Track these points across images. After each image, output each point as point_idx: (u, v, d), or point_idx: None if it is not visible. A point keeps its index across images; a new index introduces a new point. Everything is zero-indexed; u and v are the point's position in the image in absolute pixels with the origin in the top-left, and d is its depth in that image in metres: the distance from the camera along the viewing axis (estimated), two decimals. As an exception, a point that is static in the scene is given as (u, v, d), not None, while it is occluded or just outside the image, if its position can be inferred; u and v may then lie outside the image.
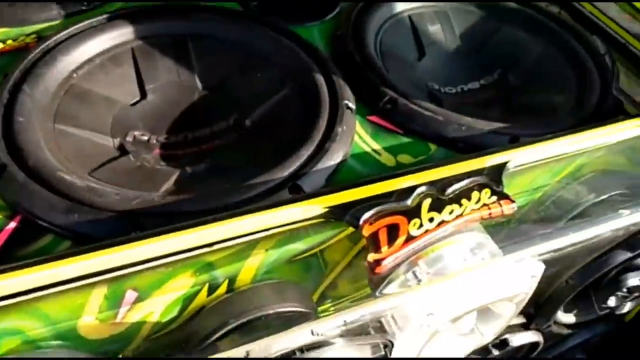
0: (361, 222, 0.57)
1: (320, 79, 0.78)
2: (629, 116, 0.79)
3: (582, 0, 1.02)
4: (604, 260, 0.80)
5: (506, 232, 0.66)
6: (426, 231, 0.58)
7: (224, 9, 0.89)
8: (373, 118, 0.77)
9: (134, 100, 0.80)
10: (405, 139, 0.75)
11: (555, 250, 0.66)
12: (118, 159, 0.70)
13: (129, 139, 0.74)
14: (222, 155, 0.76)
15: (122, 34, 0.82)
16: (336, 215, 0.57)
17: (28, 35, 0.82)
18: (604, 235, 0.71)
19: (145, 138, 0.76)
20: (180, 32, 0.85)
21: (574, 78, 0.90)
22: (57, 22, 0.85)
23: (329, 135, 0.70)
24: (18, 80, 0.71)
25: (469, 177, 0.62)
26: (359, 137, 0.74)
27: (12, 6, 0.83)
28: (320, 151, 0.68)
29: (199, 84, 0.84)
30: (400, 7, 0.97)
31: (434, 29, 0.99)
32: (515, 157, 0.66)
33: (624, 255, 0.80)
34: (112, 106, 0.78)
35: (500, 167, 0.64)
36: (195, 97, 0.83)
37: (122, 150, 0.72)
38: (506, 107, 0.92)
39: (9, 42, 0.81)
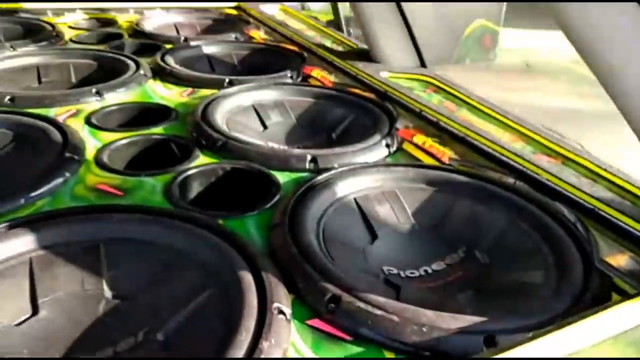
0: None
1: (247, 278, 0.65)
2: (626, 295, 0.66)
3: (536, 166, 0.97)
4: None
5: None
6: None
7: (145, 207, 0.80)
8: (313, 322, 0.63)
9: (22, 319, 0.66)
10: (355, 348, 0.60)
11: None
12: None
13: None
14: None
15: (19, 243, 0.70)
16: None
17: None
18: None
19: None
20: (92, 237, 0.74)
21: (548, 251, 0.79)
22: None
23: (252, 351, 0.55)
24: None
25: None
26: (295, 349, 0.59)
27: None
28: (239, 377, 0.52)
29: (108, 293, 0.70)
30: (343, 191, 0.89)
31: (384, 210, 0.90)
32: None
33: None
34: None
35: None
36: (100, 308, 0.69)
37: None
38: (478, 289, 0.79)
39: None
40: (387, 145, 1.06)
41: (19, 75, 1.41)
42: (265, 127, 1.25)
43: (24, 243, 0.71)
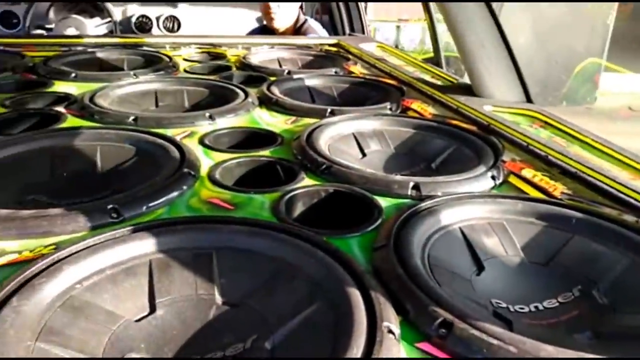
0: None
1: (355, 295, 0.65)
2: None
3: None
4: None
5: None
6: None
7: (255, 220, 0.83)
8: (423, 345, 0.61)
9: (141, 316, 0.70)
10: (467, 375, 0.57)
11: None
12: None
13: (124, 366, 0.61)
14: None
15: (142, 246, 0.75)
16: None
17: (46, 246, 0.77)
18: None
19: (144, 366, 0.62)
20: (206, 245, 0.78)
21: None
22: (80, 234, 0.81)
23: (364, 368, 0.54)
24: (10, 293, 0.63)
25: None
26: (405, 370, 0.57)
27: (37, 218, 0.80)
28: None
29: (219, 299, 0.73)
30: (448, 219, 0.87)
31: (491, 242, 0.87)
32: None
33: None
34: (113, 321, 0.67)
35: None
36: (211, 314, 0.71)
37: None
38: (595, 331, 0.73)
39: (25, 253, 0.76)
40: (493, 177, 1.03)
41: (140, 99, 1.54)
42: (364, 154, 1.27)
43: (145, 246, 0.76)
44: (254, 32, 2.98)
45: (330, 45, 2.24)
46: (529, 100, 1.39)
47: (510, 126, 1.23)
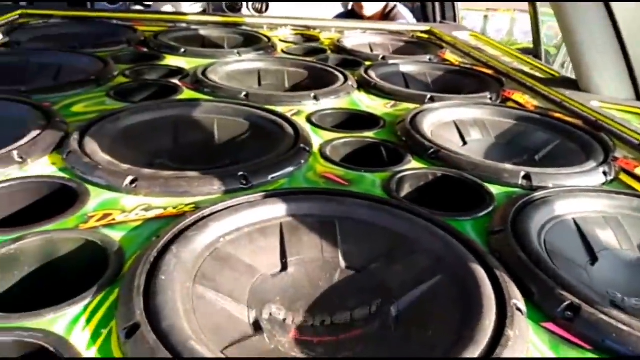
0: None
1: (480, 272, 0.68)
2: None
3: None
4: None
5: None
6: None
7: (372, 196, 0.88)
8: (549, 325, 0.63)
9: (274, 271, 0.76)
10: (595, 357, 0.59)
11: None
12: (252, 338, 0.63)
13: (265, 315, 0.68)
14: (361, 350, 0.65)
15: (273, 210, 0.82)
16: None
17: (187, 205, 0.86)
18: None
19: (282, 317, 0.69)
20: (329, 214, 0.83)
21: None
22: (215, 196, 0.89)
23: (498, 339, 0.57)
24: (168, 241, 0.71)
25: None
26: (534, 346, 0.60)
27: (178, 179, 0.89)
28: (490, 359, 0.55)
29: (343, 263, 0.78)
30: (561, 209, 0.88)
31: (605, 235, 0.87)
32: None
33: None
34: (252, 274, 0.74)
35: None
36: (336, 276, 0.77)
37: (257, 327, 0.65)
38: None
39: (169, 209, 0.84)
40: (605, 173, 1.03)
41: (244, 76, 1.62)
42: (464, 142, 1.28)
43: (276, 210, 0.82)
44: (340, 17, 3.02)
45: (421, 32, 2.24)
46: (639, 98, 1.35)
47: (620, 123, 1.20)
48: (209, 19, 2.17)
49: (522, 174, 0.99)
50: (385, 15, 2.79)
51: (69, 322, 0.60)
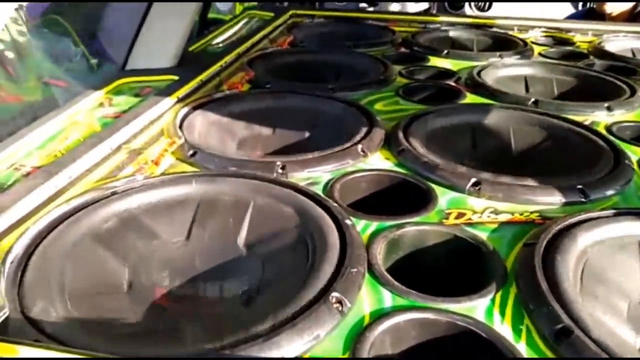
0: None
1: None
2: None
3: None
4: None
5: None
6: None
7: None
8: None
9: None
10: None
11: None
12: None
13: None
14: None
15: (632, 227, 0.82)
16: None
17: (532, 212, 0.90)
18: None
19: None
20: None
21: None
22: (555, 207, 0.91)
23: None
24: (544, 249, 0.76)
25: None
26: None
27: (520, 187, 0.93)
28: None
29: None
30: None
31: None
32: None
33: None
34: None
35: None
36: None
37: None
38: None
39: (516, 214, 0.89)
40: None
41: (510, 81, 1.61)
42: None
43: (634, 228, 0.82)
44: (576, 16, 2.83)
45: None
46: None
47: None
48: (458, 20, 2.20)
49: None
50: (634, 16, 2.55)
51: (484, 313, 0.68)
